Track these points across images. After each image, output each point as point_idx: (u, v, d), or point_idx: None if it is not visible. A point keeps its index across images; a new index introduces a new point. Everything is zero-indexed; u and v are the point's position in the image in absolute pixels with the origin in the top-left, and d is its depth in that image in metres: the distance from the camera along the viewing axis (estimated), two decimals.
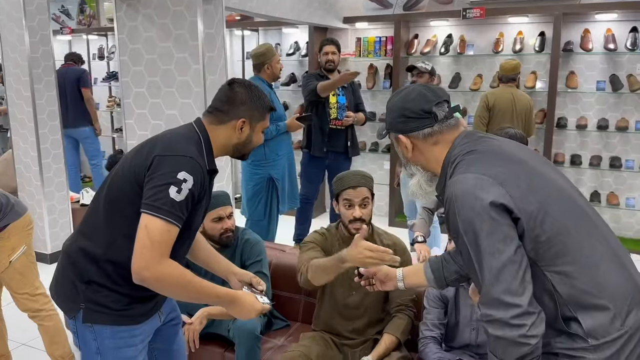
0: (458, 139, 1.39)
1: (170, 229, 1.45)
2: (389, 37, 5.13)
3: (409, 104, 1.40)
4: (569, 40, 4.54)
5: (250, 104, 1.63)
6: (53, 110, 4.23)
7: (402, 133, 1.42)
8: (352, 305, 2.19)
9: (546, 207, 1.24)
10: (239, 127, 1.61)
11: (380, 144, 5.43)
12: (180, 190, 1.44)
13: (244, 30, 5.75)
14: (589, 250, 1.25)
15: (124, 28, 2.94)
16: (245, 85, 1.65)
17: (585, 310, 1.22)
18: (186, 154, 1.49)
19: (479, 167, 1.28)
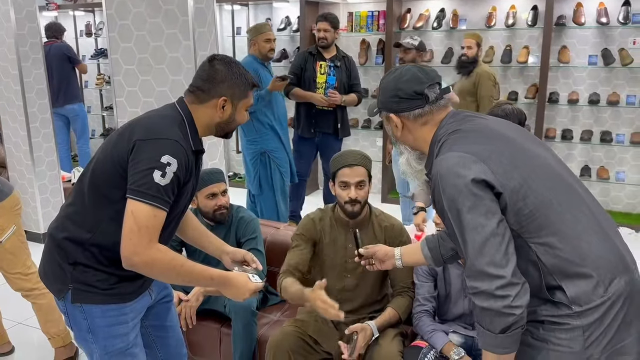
0: (445, 119, 1.43)
1: (157, 213, 1.45)
2: (381, 11, 5.08)
3: (402, 85, 1.43)
4: (562, 14, 4.52)
5: (231, 81, 1.59)
6: (41, 88, 4.17)
7: (393, 112, 1.45)
8: (348, 288, 2.19)
9: (529, 182, 1.29)
10: (220, 105, 1.58)
11: (373, 121, 5.42)
12: (164, 174, 1.44)
13: (233, 5, 5.66)
14: (572, 222, 1.30)
15: (112, 3, 2.88)
16: (225, 62, 1.61)
17: (569, 278, 1.27)
18: (169, 136, 1.48)
19: (461, 145, 1.32)
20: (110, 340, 1.60)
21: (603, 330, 1.26)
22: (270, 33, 3.83)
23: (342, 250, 2.18)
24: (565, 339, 1.27)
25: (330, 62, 4.10)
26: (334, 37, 4.12)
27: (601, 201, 4.70)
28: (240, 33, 5.81)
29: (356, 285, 2.19)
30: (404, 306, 2.14)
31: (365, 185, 2.11)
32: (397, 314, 2.12)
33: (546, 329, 1.29)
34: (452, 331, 2.02)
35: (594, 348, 1.26)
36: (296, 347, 2.08)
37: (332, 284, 2.19)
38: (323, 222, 2.21)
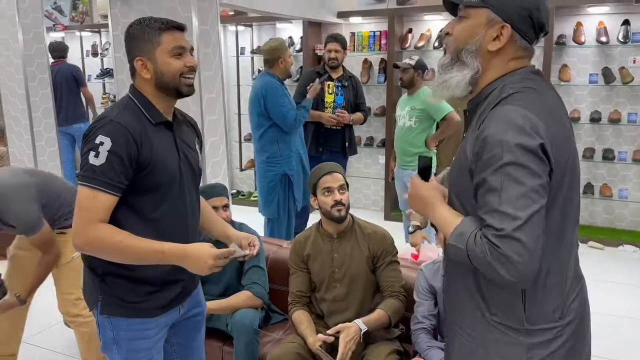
0: (528, 68, 1.25)
1: (96, 195, 1.44)
2: (383, 31, 5.15)
3: (542, 6, 1.22)
4: (562, 33, 4.57)
5: (138, 40, 1.53)
6: (47, 107, 4.22)
7: (510, 24, 1.21)
8: (339, 298, 2.24)
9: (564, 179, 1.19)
10: (138, 66, 1.54)
11: (375, 139, 5.45)
12: (97, 154, 1.43)
13: (237, 26, 5.74)
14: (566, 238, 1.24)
15: (118, 25, 2.94)
16: (132, 25, 1.57)
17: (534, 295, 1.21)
18: (104, 117, 1.48)
19: (539, 111, 1.16)
20: (132, 353, 1.61)
21: (548, 354, 1.21)
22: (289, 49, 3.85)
23: (329, 261, 2.25)
24: (507, 352, 1.22)
25: (337, 82, 4.17)
26: (343, 57, 4.18)
27: (605, 219, 4.72)
28: (244, 53, 5.88)
29: (347, 294, 2.23)
30: (393, 307, 2.14)
31: (346, 190, 2.21)
32: (386, 314, 2.11)
33: (489, 337, 1.24)
34: None
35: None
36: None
37: (324, 296, 2.27)
38: (309, 239, 2.31)
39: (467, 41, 1.25)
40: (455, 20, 1.30)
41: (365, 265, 2.21)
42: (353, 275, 2.21)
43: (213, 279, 2.52)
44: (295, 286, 2.29)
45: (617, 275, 3.91)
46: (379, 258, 2.22)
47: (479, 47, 1.24)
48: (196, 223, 1.73)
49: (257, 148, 3.80)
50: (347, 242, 2.23)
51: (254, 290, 2.45)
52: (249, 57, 5.87)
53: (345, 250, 2.22)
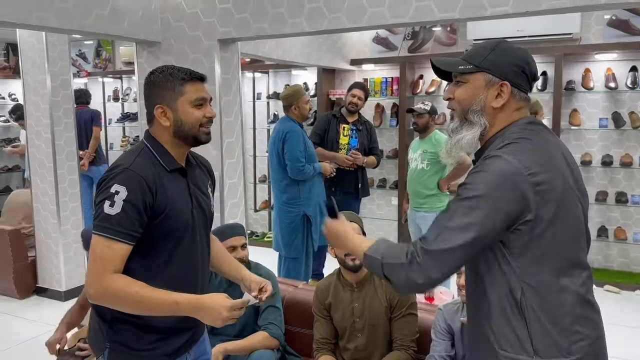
0: (527, 118, 1.35)
1: (111, 244, 1.42)
2: (394, 77, 5.30)
3: (530, 61, 1.34)
4: (571, 79, 4.67)
5: (160, 88, 1.54)
6: (71, 150, 4.38)
7: (509, 81, 1.31)
8: (360, 347, 2.26)
9: (556, 225, 1.25)
10: (158, 114, 1.54)
11: (388, 181, 5.52)
12: (113, 204, 1.42)
13: (254, 73, 5.95)
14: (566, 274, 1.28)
15: (144, 73, 3.08)
16: (154, 73, 1.57)
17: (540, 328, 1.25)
18: (119, 166, 1.48)
19: (526, 158, 1.25)
20: None
21: None
22: (307, 94, 4.03)
23: (349, 311, 2.26)
24: None
25: (353, 125, 4.30)
26: (363, 105, 4.36)
27: (621, 262, 4.68)
28: (260, 98, 6.07)
29: (367, 344, 2.24)
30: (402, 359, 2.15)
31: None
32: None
33: None
34: None
35: None
36: None
37: (346, 345, 2.29)
38: (330, 287, 2.34)
39: (471, 103, 1.34)
40: (453, 84, 1.40)
41: (384, 315, 2.23)
42: (373, 325, 2.23)
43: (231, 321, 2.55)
44: (319, 333, 2.33)
45: (634, 320, 3.86)
46: (394, 308, 2.22)
47: (484, 106, 1.33)
48: (206, 267, 1.72)
49: (279, 188, 3.88)
50: (367, 292, 2.25)
51: (270, 330, 2.46)
52: (265, 102, 6.06)
53: (365, 300, 2.24)
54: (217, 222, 2.99)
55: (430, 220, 3.84)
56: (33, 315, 4.06)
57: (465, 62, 1.35)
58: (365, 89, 4.35)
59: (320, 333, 2.32)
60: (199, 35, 2.95)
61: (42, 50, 4.14)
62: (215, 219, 2.96)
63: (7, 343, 3.56)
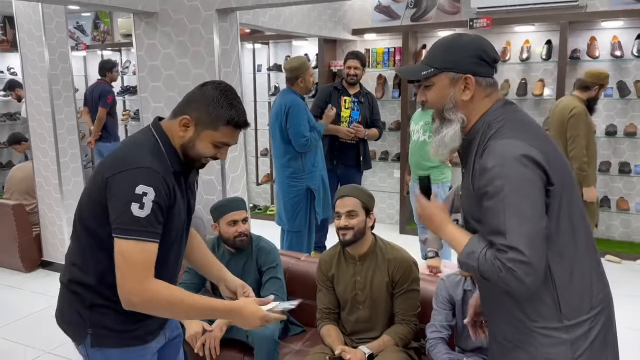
0: (499, 102, 1.40)
1: (146, 247, 1.40)
2: (397, 47, 5.23)
3: (486, 47, 1.38)
4: (576, 48, 4.60)
5: (204, 105, 1.48)
6: (72, 124, 4.36)
7: (471, 73, 1.36)
8: (362, 319, 2.29)
9: (566, 189, 1.32)
10: (181, 123, 1.49)
11: (390, 153, 5.50)
12: (142, 206, 1.37)
13: (254, 44, 5.87)
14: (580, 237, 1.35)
15: (143, 45, 3.04)
16: (214, 88, 1.50)
17: (567, 291, 1.32)
18: (139, 164, 1.41)
19: (525, 136, 1.30)
20: None
21: (588, 345, 1.33)
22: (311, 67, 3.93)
23: (352, 283, 2.28)
24: (555, 353, 1.32)
25: (354, 97, 4.25)
26: (362, 74, 4.27)
27: (622, 232, 4.69)
28: (260, 70, 6.01)
29: (369, 316, 2.27)
30: (401, 334, 2.18)
31: (357, 215, 2.21)
32: (392, 339, 2.16)
33: (536, 344, 1.34)
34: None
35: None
36: None
37: (347, 317, 2.32)
38: (333, 259, 2.35)
39: (443, 102, 1.40)
40: (423, 88, 1.45)
41: (385, 290, 2.24)
42: (375, 298, 2.25)
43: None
44: (322, 303, 2.35)
45: (635, 289, 3.89)
46: (396, 284, 2.23)
47: (456, 102, 1.39)
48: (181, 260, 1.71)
49: (281, 163, 3.85)
50: (370, 266, 2.26)
51: None
52: (265, 74, 5.99)
53: (367, 274, 2.25)
54: (219, 195, 3.00)
55: None
56: (39, 288, 4.13)
57: (426, 67, 1.40)
58: (359, 56, 4.24)
59: (323, 303, 2.35)
60: (197, 5, 2.89)
61: (38, 22, 4.08)
62: (217, 193, 2.98)
63: (15, 315, 3.63)
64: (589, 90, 3.79)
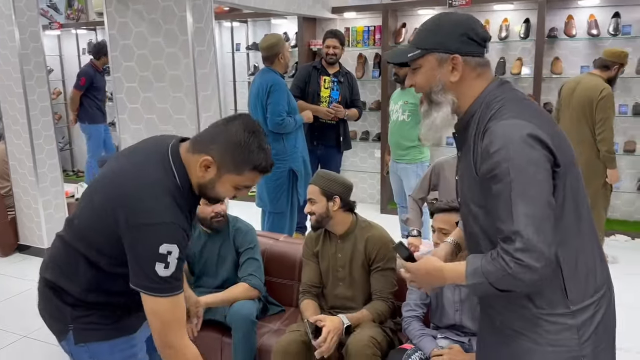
0: (496, 81, 1.35)
1: (175, 301, 1.39)
2: (377, 26, 5.18)
3: (474, 25, 1.32)
4: (553, 26, 4.61)
5: (230, 149, 1.39)
6: (45, 105, 4.26)
7: (458, 53, 1.31)
8: (341, 295, 2.35)
9: (568, 171, 1.28)
10: (202, 164, 1.40)
11: (371, 133, 5.50)
12: (167, 265, 1.34)
13: (232, 22, 5.77)
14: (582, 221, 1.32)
15: (114, 24, 2.97)
16: (242, 129, 1.40)
17: (572, 276, 1.29)
18: (162, 219, 1.34)
19: (527, 116, 1.25)
20: None
21: (593, 330, 1.31)
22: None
23: (333, 260, 2.34)
24: (562, 339, 1.30)
25: (334, 77, 4.21)
26: (341, 53, 4.22)
27: None
28: (239, 49, 5.92)
29: (348, 293, 2.32)
30: (379, 309, 2.22)
31: (316, 201, 2.30)
32: (370, 315, 2.21)
33: (541, 331, 1.31)
34: (442, 337, 2.07)
35: (587, 346, 1.30)
36: (301, 351, 2.16)
37: (329, 291, 2.37)
38: (320, 237, 2.41)
39: (431, 85, 1.35)
40: (410, 72, 1.40)
41: (362, 268, 2.30)
42: (354, 276, 2.31)
43: (210, 272, 2.59)
44: (306, 277, 2.40)
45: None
46: (373, 261, 2.28)
47: (444, 84, 1.33)
48: None
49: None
50: (350, 244, 2.32)
51: (250, 281, 2.50)
52: (244, 53, 5.91)
53: (347, 252, 2.32)
54: None
55: (411, 171, 3.86)
56: (17, 272, 4.08)
57: (413, 48, 1.35)
58: (338, 35, 4.18)
59: (307, 277, 2.40)
60: None
61: (7, 1, 3.95)
62: None
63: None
64: (608, 69, 3.71)
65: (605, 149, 3.65)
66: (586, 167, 3.71)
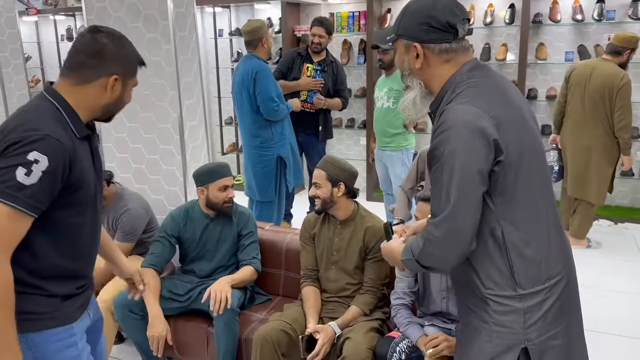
0: (468, 64, 1.37)
1: (18, 217, 1.28)
2: (362, 12, 5.13)
3: (436, 13, 1.34)
4: (538, 12, 4.61)
5: (123, 57, 1.44)
6: (23, 93, 4.15)
7: (419, 41, 1.36)
8: (332, 279, 2.37)
9: (525, 158, 1.31)
10: (110, 85, 1.42)
11: (356, 120, 5.47)
12: (29, 173, 1.26)
13: (215, 7, 5.67)
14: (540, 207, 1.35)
15: (92, 9, 2.88)
16: (114, 36, 1.44)
17: (521, 261, 1.33)
18: (39, 129, 1.30)
19: (482, 102, 1.28)
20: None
21: (541, 315, 1.34)
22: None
23: (329, 243, 2.38)
24: (507, 321, 1.34)
25: (317, 65, 4.14)
26: (327, 42, 4.14)
27: None
28: (222, 35, 5.82)
29: (340, 277, 2.36)
30: (368, 303, 2.28)
31: (321, 186, 2.31)
32: (360, 310, 2.25)
33: (489, 310, 1.35)
34: (429, 324, 2.08)
35: (532, 331, 1.34)
36: (281, 340, 2.18)
37: (322, 274, 2.42)
38: (318, 220, 2.43)
39: (402, 68, 1.44)
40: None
41: (358, 255, 2.32)
42: (347, 261, 2.33)
43: (207, 256, 2.62)
44: (305, 260, 2.44)
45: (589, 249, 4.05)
46: (370, 251, 2.31)
47: (411, 69, 1.41)
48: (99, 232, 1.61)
49: (250, 132, 3.74)
50: (349, 231, 2.34)
51: (255, 265, 2.56)
52: (227, 39, 5.82)
53: (345, 238, 2.34)
54: (178, 166, 2.92)
55: (396, 159, 3.85)
56: None
57: (390, 32, 1.42)
58: (325, 24, 4.10)
59: (305, 261, 2.44)
60: None
61: None
62: (176, 163, 2.90)
63: None
64: (620, 55, 3.70)
65: (627, 135, 3.67)
66: (603, 152, 3.76)
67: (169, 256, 2.59)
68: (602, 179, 3.83)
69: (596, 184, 3.84)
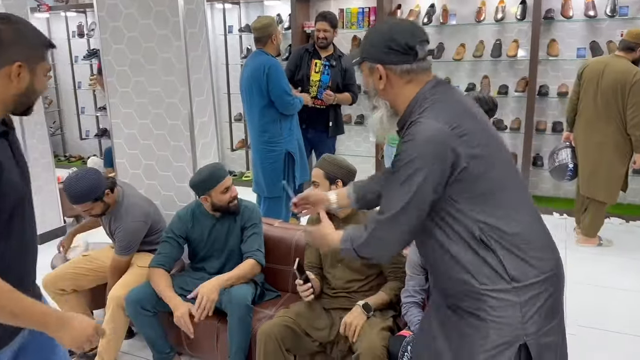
0: (430, 83, 1.44)
1: None
2: (371, 7, 5.11)
3: (396, 36, 1.40)
4: (550, 7, 4.56)
5: (25, 42, 1.30)
6: None
7: (380, 63, 1.42)
8: (338, 277, 2.36)
9: (494, 164, 1.38)
10: (15, 73, 1.29)
11: (366, 117, 5.46)
12: None
13: (225, 4, 5.68)
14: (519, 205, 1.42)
15: (103, 5, 2.90)
16: (10, 20, 1.30)
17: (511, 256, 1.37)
18: None
19: (445, 116, 1.35)
20: None
21: (536, 310, 1.37)
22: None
23: None
24: (505, 316, 1.36)
25: (326, 60, 4.12)
26: (333, 36, 4.12)
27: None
28: (232, 31, 5.83)
29: (346, 275, 2.35)
30: (395, 289, 2.28)
31: (320, 184, 2.35)
32: (388, 297, 2.25)
33: (486, 307, 1.37)
34: None
35: (530, 325, 1.36)
36: (286, 336, 2.19)
37: (330, 273, 2.39)
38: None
39: (368, 88, 1.51)
40: None
41: None
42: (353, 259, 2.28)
43: (216, 253, 2.63)
44: (307, 257, 2.48)
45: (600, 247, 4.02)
46: None
47: (376, 90, 1.48)
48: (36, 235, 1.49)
49: (258, 128, 3.73)
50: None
51: (257, 257, 2.55)
52: (237, 35, 5.82)
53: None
54: (189, 162, 2.94)
55: None
56: None
57: (357, 55, 1.49)
58: (329, 18, 4.07)
59: (307, 258, 2.46)
60: None
61: None
62: (187, 160, 2.92)
63: None
64: (633, 51, 3.67)
65: (639, 133, 3.63)
66: (615, 150, 3.72)
67: (177, 256, 2.60)
68: (614, 177, 3.80)
69: (607, 182, 3.80)
